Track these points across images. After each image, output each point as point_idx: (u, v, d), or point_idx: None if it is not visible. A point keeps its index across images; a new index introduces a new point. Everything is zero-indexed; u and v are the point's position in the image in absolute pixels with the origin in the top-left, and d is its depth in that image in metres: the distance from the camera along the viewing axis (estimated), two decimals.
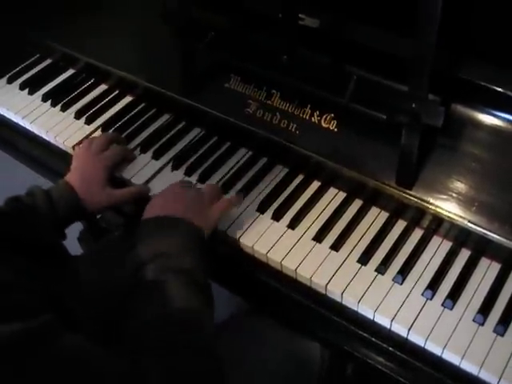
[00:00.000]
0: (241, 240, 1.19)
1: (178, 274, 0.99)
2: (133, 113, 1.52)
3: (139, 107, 1.53)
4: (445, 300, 1.07)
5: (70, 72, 1.68)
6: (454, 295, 1.07)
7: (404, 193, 1.16)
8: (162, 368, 0.82)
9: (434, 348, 1.02)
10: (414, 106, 1.05)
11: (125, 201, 1.31)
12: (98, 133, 1.48)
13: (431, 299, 1.07)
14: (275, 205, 1.25)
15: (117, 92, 1.58)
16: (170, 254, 1.02)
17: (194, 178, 1.33)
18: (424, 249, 1.16)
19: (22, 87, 1.64)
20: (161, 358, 0.84)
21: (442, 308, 1.06)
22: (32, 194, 1.20)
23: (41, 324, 0.69)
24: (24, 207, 1.17)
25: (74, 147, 1.44)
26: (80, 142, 1.44)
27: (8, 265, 0.73)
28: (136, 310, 0.97)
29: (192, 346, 0.91)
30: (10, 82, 1.67)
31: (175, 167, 1.35)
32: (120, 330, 0.95)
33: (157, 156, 1.39)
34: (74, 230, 2.14)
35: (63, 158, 1.46)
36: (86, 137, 1.46)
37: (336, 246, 1.16)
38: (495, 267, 1.12)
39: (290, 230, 1.20)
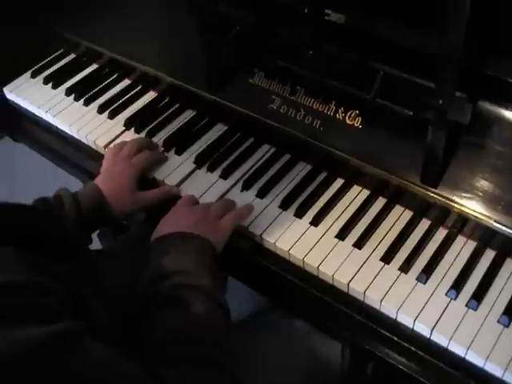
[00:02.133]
0: (263, 236, 1.18)
1: (195, 291, 1.00)
2: (156, 108, 1.52)
3: (162, 102, 1.53)
4: (469, 300, 1.05)
5: (94, 67, 1.68)
6: (479, 296, 1.06)
7: (429, 191, 1.14)
8: (181, 380, 0.82)
9: (457, 349, 1.01)
10: (440, 102, 1.03)
11: (153, 203, 1.29)
12: (120, 126, 1.48)
13: (455, 299, 1.06)
14: (298, 202, 1.24)
15: (140, 87, 1.58)
16: (187, 272, 1.02)
17: (216, 174, 1.32)
18: (448, 248, 1.14)
19: (45, 81, 1.65)
20: (179, 371, 0.85)
21: (466, 308, 1.05)
22: (59, 196, 1.20)
23: (64, 329, 0.67)
24: (51, 209, 1.17)
25: (95, 141, 1.44)
26: (102, 137, 1.44)
27: (33, 265, 0.72)
28: (153, 324, 0.97)
29: (209, 360, 0.91)
30: (34, 76, 1.67)
31: (198, 163, 1.35)
32: (138, 340, 0.95)
33: (179, 151, 1.38)
34: None
35: (86, 152, 1.47)
36: (109, 131, 1.46)
37: (359, 244, 1.15)
38: None
39: (312, 227, 1.19)
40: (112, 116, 1.50)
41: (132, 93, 1.57)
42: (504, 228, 1.07)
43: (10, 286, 0.66)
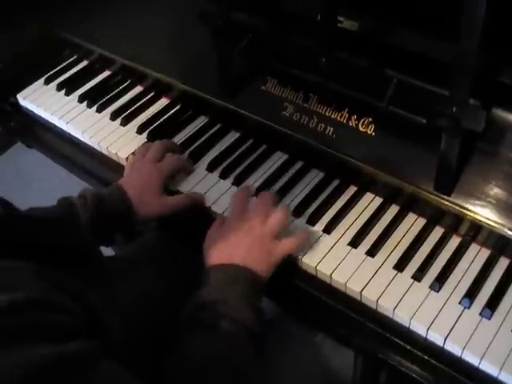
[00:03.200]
0: None
1: (233, 322, 1.00)
2: (168, 115, 1.52)
3: (175, 109, 1.53)
4: (483, 309, 1.04)
5: (107, 73, 1.69)
6: (493, 304, 1.05)
7: (442, 199, 1.14)
8: None
9: (471, 358, 1.00)
10: (454, 110, 1.02)
11: (179, 209, 1.28)
12: (133, 133, 1.48)
13: (469, 308, 1.05)
14: (311, 209, 1.24)
15: (152, 94, 1.59)
16: (229, 302, 1.02)
17: (229, 181, 1.32)
18: (462, 256, 1.13)
19: (58, 88, 1.65)
20: None
21: (480, 317, 1.04)
22: (84, 196, 1.20)
23: (78, 349, 0.65)
24: (72, 209, 1.17)
25: (108, 148, 1.44)
26: (115, 143, 1.45)
27: (49, 282, 0.71)
28: (184, 347, 0.98)
29: None
30: (47, 83, 1.68)
31: (210, 169, 1.35)
32: (158, 363, 0.95)
33: (192, 158, 1.38)
34: None
35: (98, 158, 1.47)
36: (122, 138, 1.47)
37: (372, 252, 1.15)
38: None
39: (325, 235, 1.19)
40: (125, 123, 1.51)
41: (144, 99, 1.57)
42: None
43: (25, 303, 0.65)
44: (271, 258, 1.12)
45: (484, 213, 1.10)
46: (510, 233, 1.07)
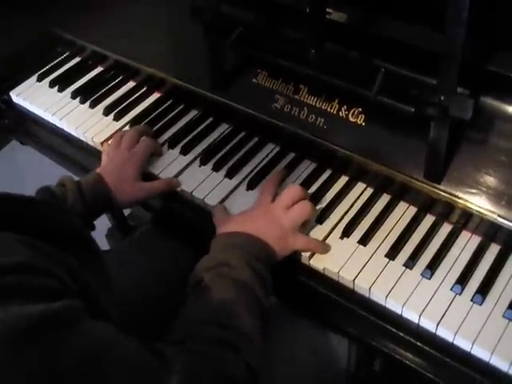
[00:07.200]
0: None
1: (235, 284, 1.01)
2: (161, 109, 1.53)
3: (167, 103, 1.54)
4: (474, 295, 1.05)
5: (99, 69, 1.69)
6: (484, 290, 1.06)
7: (432, 187, 1.14)
8: (186, 370, 0.80)
9: (462, 343, 1.01)
10: (442, 98, 1.03)
11: (155, 194, 1.31)
12: (126, 128, 1.49)
13: (460, 294, 1.06)
14: None
15: (145, 89, 1.59)
16: (229, 264, 1.03)
17: (221, 174, 1.33)
18: (453, 244, 1.14)
19: (51, 85, 1.66)
20: (190, 359, 0.84)
21: (472, 303, 1.05)
22: (63, 184, 1.23)
23: (62, 306, 0.67)
24: (54, 197, 1.19)
25: (102, 143, 1.45)
26: (109, 138, 1.46)
27: (32, 248, 0.72)
28: (186, 310, 0.99)
29: (226, 343, 0.91)
30: (39, 79, 1.68)
31: (203, 162, 1.36)
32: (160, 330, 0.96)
33: (185, 151, 1.39)
34: (101, 227, 2.16)
35: (92, 154, 1.47)
36: (115, 133, 1.47)
37: (364, 241, 1.16)
38: None
39: (317, 225, 1.20)
40: (118, 118, 1.51)
41: (137, 94, 1.58)
42: (508, 223, 1.08)
43: (9, 266, 0.66)
44: (285, 244, 1.13)
45: (474, 200, 1.11)
46: (500, 220, 1.08)
